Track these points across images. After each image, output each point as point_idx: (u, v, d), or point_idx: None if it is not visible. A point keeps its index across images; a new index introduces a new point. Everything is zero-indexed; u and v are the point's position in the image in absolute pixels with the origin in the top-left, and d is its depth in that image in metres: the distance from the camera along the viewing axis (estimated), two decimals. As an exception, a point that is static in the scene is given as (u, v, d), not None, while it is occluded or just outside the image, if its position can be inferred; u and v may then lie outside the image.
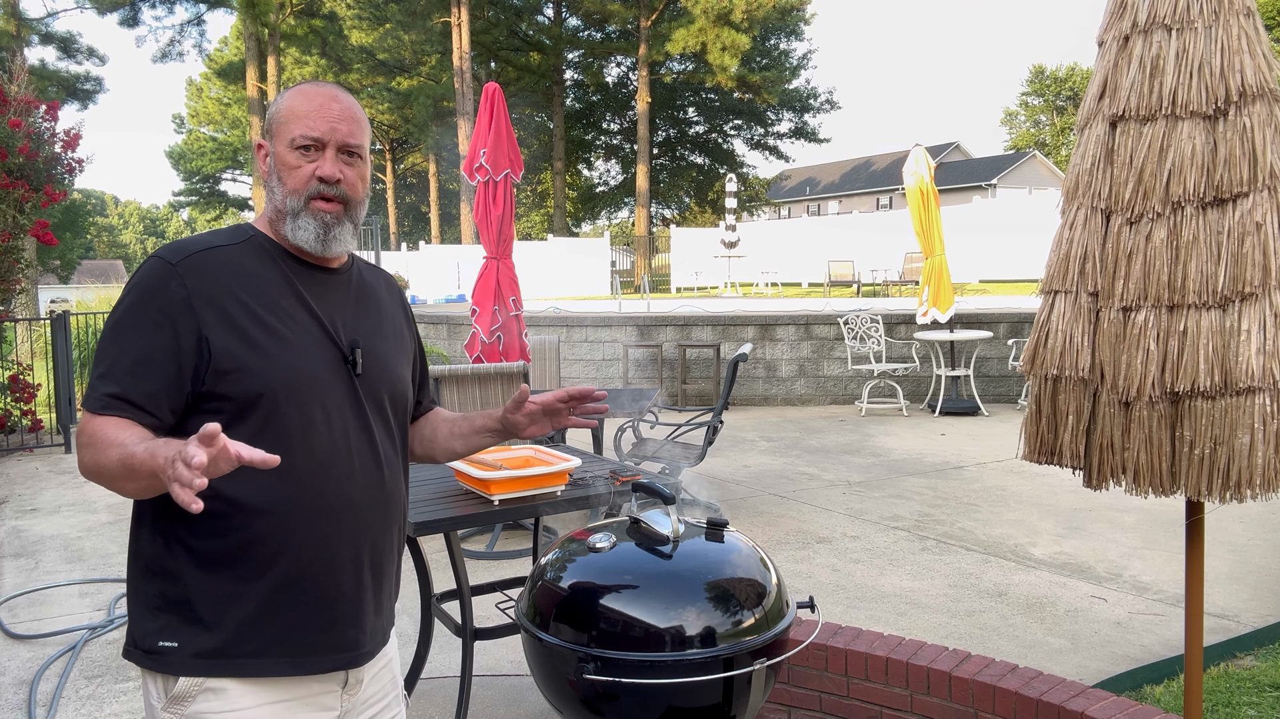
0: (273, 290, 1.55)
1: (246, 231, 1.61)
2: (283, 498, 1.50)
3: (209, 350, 1.46)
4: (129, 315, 1.49)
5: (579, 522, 5.29)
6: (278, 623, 1.50)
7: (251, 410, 1.48)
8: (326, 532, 1.53)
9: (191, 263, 1.50)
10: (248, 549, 1.48)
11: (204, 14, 29.56)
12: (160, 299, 1.47)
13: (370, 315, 1.69)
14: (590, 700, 1.89)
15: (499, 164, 6.12)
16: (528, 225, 50.45)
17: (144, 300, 1.48)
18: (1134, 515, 5.83)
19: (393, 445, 1.68)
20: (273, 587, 1.50)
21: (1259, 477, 2.23)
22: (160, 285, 1.48)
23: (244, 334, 1.49)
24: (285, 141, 1.58)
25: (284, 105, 1.61)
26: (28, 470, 7.98)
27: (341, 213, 1.60)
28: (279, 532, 1.49)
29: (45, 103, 9.30)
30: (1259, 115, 2.25)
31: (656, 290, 24.13)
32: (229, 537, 1.48)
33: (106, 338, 1.49)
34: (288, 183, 1.57)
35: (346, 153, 1.60)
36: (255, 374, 1.48)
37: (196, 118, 47.29)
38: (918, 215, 10.21)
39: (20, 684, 3.72)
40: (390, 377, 1.68)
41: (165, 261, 1.50)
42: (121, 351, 1.47)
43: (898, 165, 14.59)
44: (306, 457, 1.51)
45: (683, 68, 33.74)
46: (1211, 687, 3.41)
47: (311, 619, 1.53)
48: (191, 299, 1.47)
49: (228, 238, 1.59)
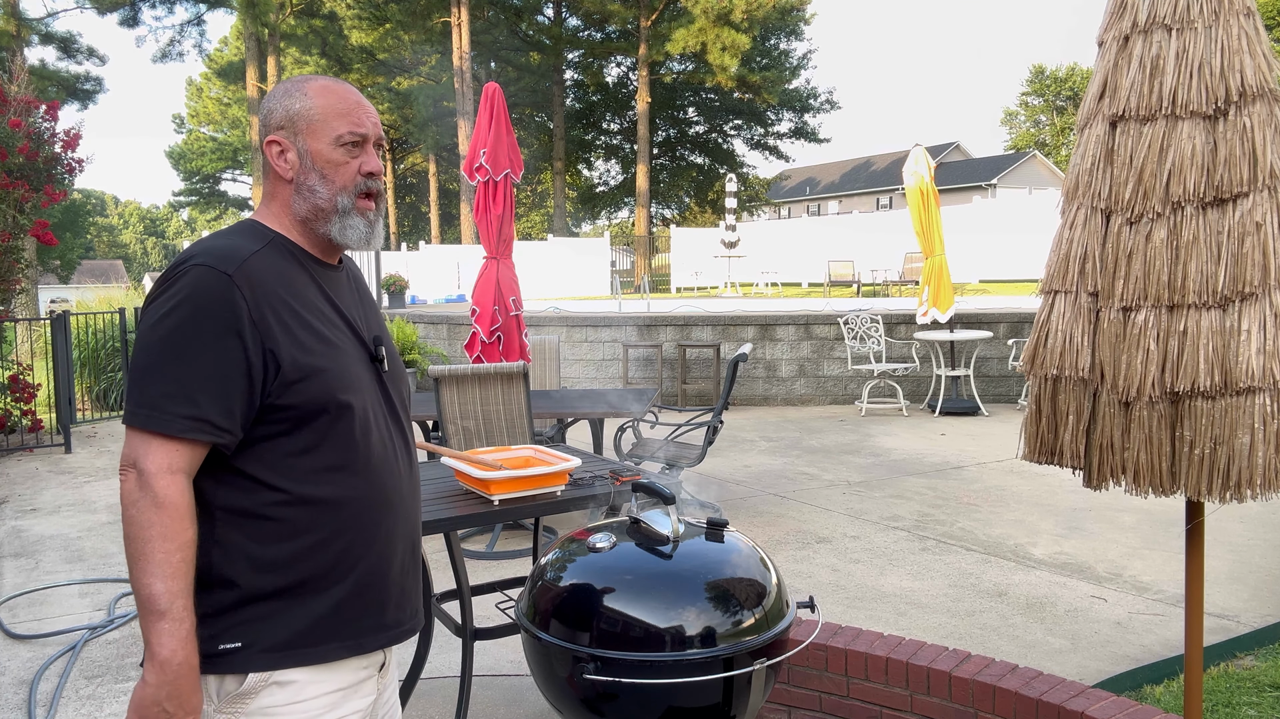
0: (310, 294, 1.55)
1: (265, 233, 1.57)
2: (350, 498, 1.52)
3: (276, 362, 1.45)
4: (188, 328, 1.42)
5: (579, 522, 5.29)
6: (343, 611, 1.53)
7: (317, 417, 1.49)
8: (386, 525, 1.57)
9: (246, 272, 1.46)
10: (319, 548, 1.50)
11: (204, 14, 29.51)
12: (223, 311, 1.43)
13: (372, 307, 1.72)
14: (590, 700, 1.89)
15: (499, 164, 6.12)
16: (528, 225, 50.45)
17: (205, 312, 1.43)
18: (1134, 515, 5.83)
19: (412, 436, 1.73)
20: (341, 579, 1.52)
21: (1259, 477, 2.23)
22: (221, 297, 1.43)
23: (301, 342, 1.49)
24: (328, 139, 1.56)
25: (316, 103, 1.58)
26: (28, 470, 7.98)
27: (377, 210, 1.62)
28: (348, 529, 1.52)
29: (45, 103, 9.30)
30: (1259, 115, 2.25)
31: (656, 290, 24.12)
32: (300, 538, 1.49)
33: (164, 350, 1.42)
34: (336, 180, 1.56)
35: (377, 146, 1.63)
36: (320, 381, 1.49)
37: (196, 118, 47.26)
38: (918, 215, 10.21)
39: (20, 684, 3.72)
40: (402, 369, 1.72)
41: (218, 272, 1.45)
42: (190, 367, 1.41)
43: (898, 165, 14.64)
44: (367, 455, 1.54)
45: (683, 68, 33.72)
46: (1211, 687, 3.41)
47: (370, 605, 1.56)
48: (252, 311, 1.44)
49: (255, 240, 1.54)
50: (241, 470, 1.47)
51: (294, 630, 1.48)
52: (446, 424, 5.10)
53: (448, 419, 5.11)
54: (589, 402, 6.01)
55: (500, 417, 5.21)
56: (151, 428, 1.39)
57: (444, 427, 5.11)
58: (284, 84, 1.63)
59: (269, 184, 1.61)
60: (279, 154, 1.58)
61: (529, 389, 5.25)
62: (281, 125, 1.58)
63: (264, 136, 1.60)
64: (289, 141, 1.58)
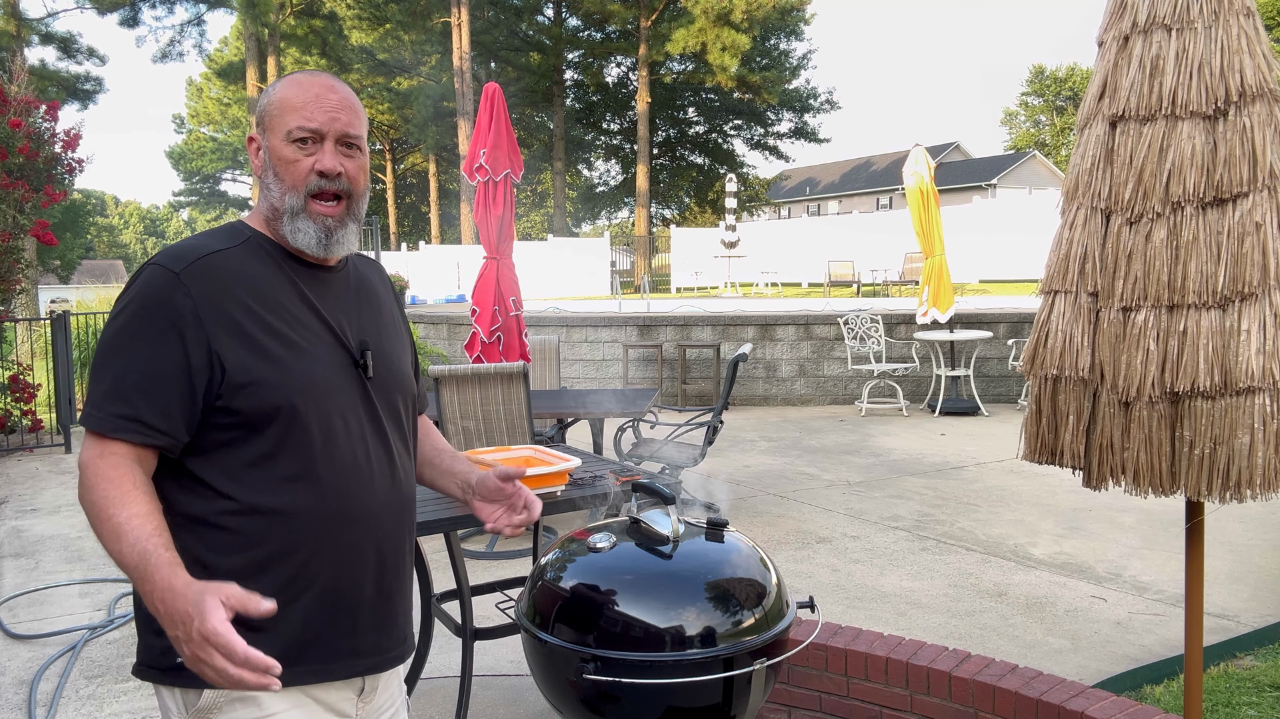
0: (279, 294, 1.47)
1: (243, 231, 1.52)
2: (306, 509, 1.45)
3: (221, 365, 1.39)
4: (131, 327, 1.39)
5: (579, 522, 5.29)
6: (301, 634, 1.46)
7: (269, 423, 1.42)
8: (349, 540, 1.49)
9: (195, 270, 1.40)
10: (272, 562, 1.43)
11: (204, 14, 29.54)
12: (165, 310, 1.38)
13: (372, 312, 1.63)
14: (590, 700, 1.89)
15: (499, 164, 6.13)
16: (528, 225, 50.46)
17: (147, 311, 1.39)
18: (1134, 515, 5.83)
19: (405, 447, 1.63)
20: (298, 597, 1.44)
21: (1259, 477, 2.23)
22: (164, 296, 1.38)
23: (256, 344, 1.41)
24: (280, 134, 1.48)
25: (277, 96, 1.51)
26: (28, 470, 7.97)
27: (343, 212, 1.52)
28: (303, 543, 1.45)
29: (45, 103, 9.31)
30: (1259, 115, 2.25)
31: (656, 290, 24.12)
32: (251, 551, 1.42)
33: (107, 350, 1.40)
34: (285, 179, 1.48)
35: (345, 144, 1.51)
36: (271, 386, 1.41)
37: (196, 118, 47.28)
38: (918, 215, 10.21)
39: (20, 684, 3.72)
40: (399, 377, 1.63)
41: (166, 270, 1.40)
42: (128, 366, 1.38)
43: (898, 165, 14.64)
44: (327, 466, 1.47)
45: (683, 68, 33.72)
46: (1211, 687, 3.41)
47: (335, 626, 1.49)
48: (199, 310, 1.38)
49: (226, 239, 1.49)
50: (195, 475, 1.42)
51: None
52: (446, 424, 5.10)
53: (448, 419, 5.11)
54: (589, 402, 6.01)
55: (500, 417, 5.21)
56: (90, 426, 1.37)
57: (444, 427, 5.11)
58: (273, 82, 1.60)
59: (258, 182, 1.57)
60: (255, 151, 1.55)
61: (529, 389, 5.25)
62: (258, 121, 1.55)
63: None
64: (259, 138, 1.53)
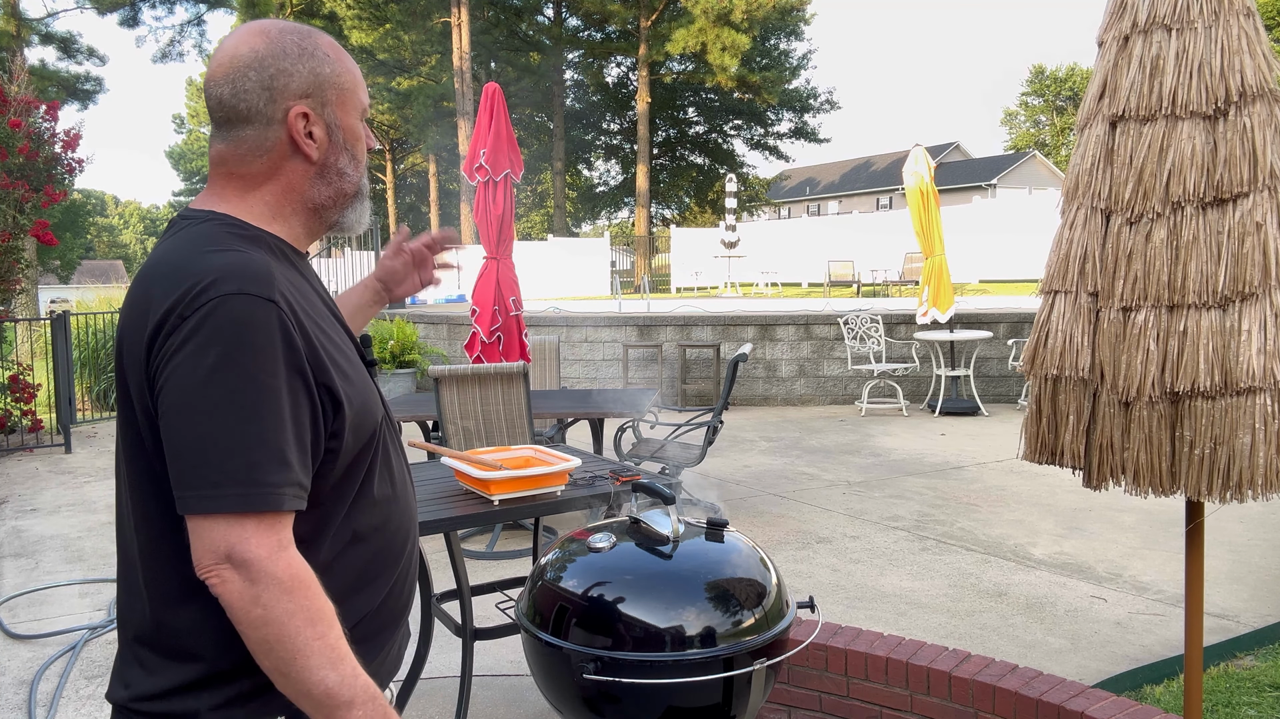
0: (320, 305, 1.30)
1: (255, 234, 1.26)
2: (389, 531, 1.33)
3: (334, 399, 1.21)
4: (248, 376, 1.12)
5: (579, 522, 5.29)
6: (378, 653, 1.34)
7: (365, 452, 1.28)
8: (412, 553, 1.40)
9: (284, 294, 1.17)
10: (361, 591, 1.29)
11: (204, 14, 29.49)
12: (280, 349, 1.14)
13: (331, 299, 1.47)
14: (590, 700, 1.89)
15: (499, 164, 6.13)
16: (528, 225, 50.45)
17: (260, 352, 1.13)
18: (1134, 515, 5.83)
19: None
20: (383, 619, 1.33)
21: (1260, 477, 2.23)
22: (273, 331, 1.14)
23: (342, 370, 1.24)
24: (355, 110, 1.32)
25: (341, 65, 1.31)
26: (28, 470, 7.97)
27: None
28: (385, 565, 1.32)
29: (45, 103, 9.32)
30: (1259, 115, 2.25)
31: (656, 290, 24.12)
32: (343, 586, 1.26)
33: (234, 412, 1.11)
34: (361, 159, 1.33)
35: None
36: (366, 411, 1.27)
37: (196, 118, 47.32)
38: (918, 215, 10.21)
39: (20, 684, 3.72)
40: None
41: (262, 299, 1.14)
42: (267, 427, 1.12)
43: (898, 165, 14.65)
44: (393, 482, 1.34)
45: (683, 68, 33.72)
46: (1211, 687, 3.41)
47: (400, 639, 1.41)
48: (302, 342, 1.18)
49: (258, 247, 1.23)
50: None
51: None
52: (446, 424, 5.10)
53: (448, 419, 5.11)
54: (589, 402, 6.01)
55: (500, 417, 5.21)
56: (247, 508, 1.10)
57: (444, 427, 5.11)
58: (283, 36, 1.27)
59: (266, 163, 1.27)
60: (310, 128, 1.27)
61: (529, 389, 5.25)
62: (307, 93, 1.27)
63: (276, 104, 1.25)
64: (320, 113, 1.28)
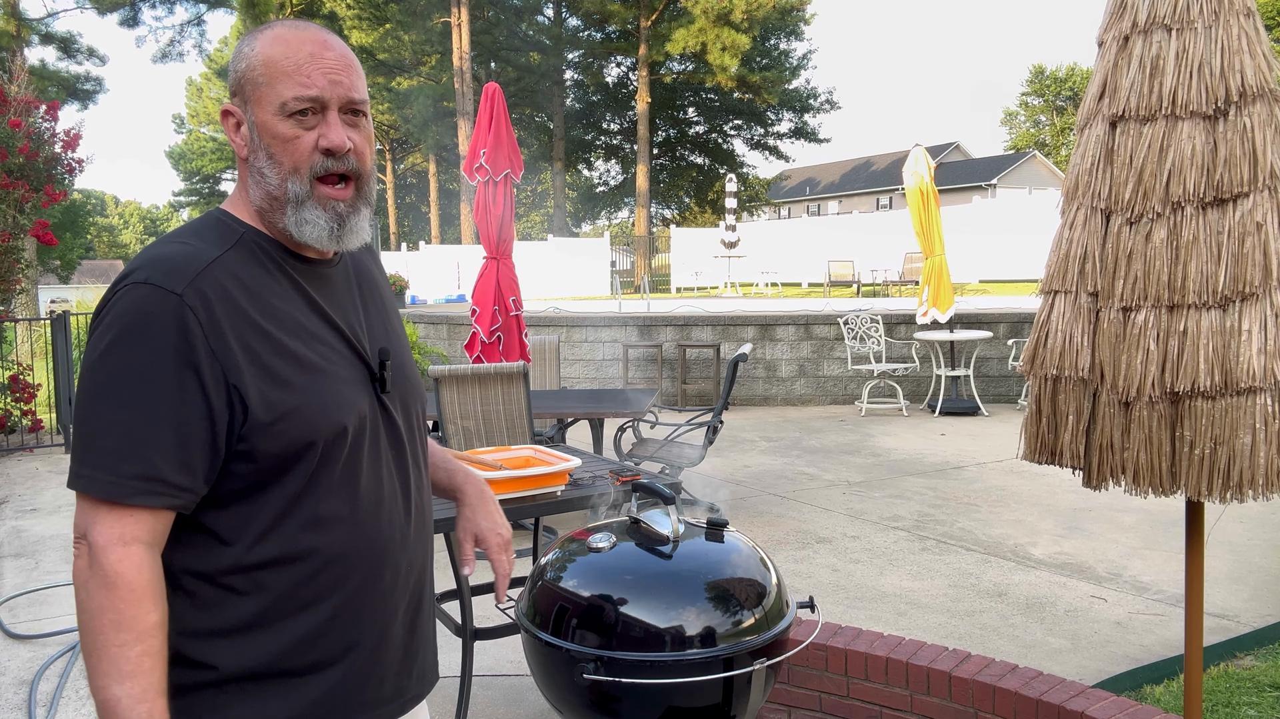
0: (290, 306, 1.25)
1: (233, 228, 1.26)
2: (335, 554, 1.26)
3: (244, 403, 1.17)
4: (133, 365, 1.13)
5: (579, 522, 5.30)
6: (330, 688, 1.28)
7: (296, 463, 1.22)
8: (379, 585, 1.31)
9: (200, 289, 1.16)
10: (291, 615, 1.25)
11: (204, 14, 29.59)
12: (173, 342, 1.13)
13: (378, 309, 1.41)
14: (590, 700, 1.89)
15: (499, 164, 6.13)
16: (528, 225, 50.46)
17: (149, 344, 1.13)
18: (1134, 515, 5.83)
19: (422, 461, 1.45)
20: (321, 654, 1.27)
21: (1260, 477, 2.23)
22: (168, 324, 1.13)
23: (276, 375, 1.19)
24: (272, 107, 1.22)
25: (259, 56, 1.23)
26: (28, 470, 7.97)
27: (354, 197, 1.29)
28: (328, 592, 1.26)
29: (45, 103, 9.32)
30: (1259, 115, 2.25)
31: (656, 290, 24.12)
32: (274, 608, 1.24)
33: (104, 393, 1.13)
34: (284, 160, 1.23)
35: (351, 112, 1.26)
36: (299, 421, 1.20)
37: (196, 118, 47.28)
38: (918, 215, 10.21)
39: (20, 684, 3.72)
40: (412, 381, 1.43)
41: (164, 291, 1.14)
42: (138, 417, 1.13)
43: (898, 165, 14.64)
44: (352, 502, 1.27)
45: (683, 68, 33.72)
46: (1211, 687, 3.41)
47: (365, 677, 1.31)
48: (210, 338, 1.15)
49: (217, 242, 1.23)
50: (205, 528, 1.21)
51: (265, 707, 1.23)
52: (446, 424, 5.10)
53: (448, 419, 5.11)
54: (589, 401, 6.01)
55: (500, 417, 5.21)
56: (96, 493, 1.12)
57: (444, 427, 5.11)
58: (246, 34, 1.27)
59: (239, 164, 1.29)
60: (233, 126, 1.26)
61: (529, 389, 5.25)
62: (235, 89, 1.25)
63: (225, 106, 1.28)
64: (239, 111, 1.25)
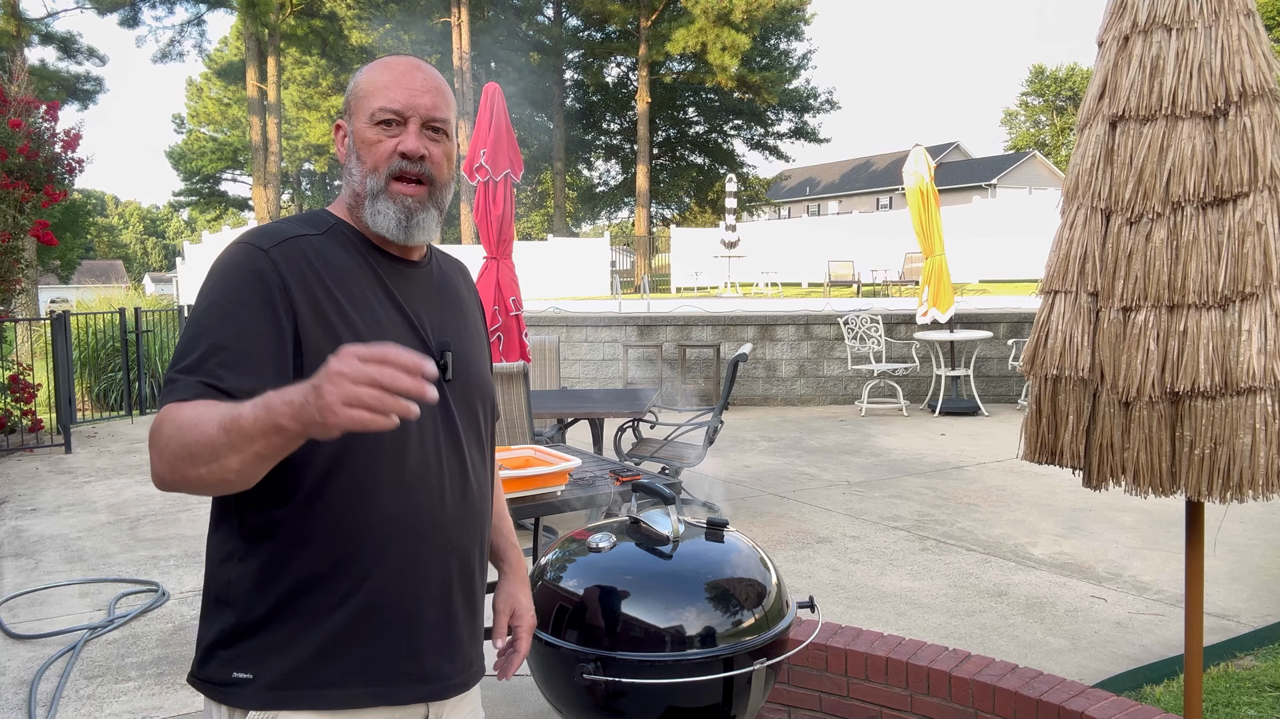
0: (361, 284, 1.42)
1: (327, 219, 1.47)
2: (372, 519, 1.37)
3: (301, 348, 1.32)
4: (224, 299, 1.32)
5: (579, 522, 5.29)
6: (358, 651, 1.38)
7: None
8: (415, 554, 1.41)
9: (285, 250, 1.37)
10: (331, 574, 1.36)
11: (204, 14, 29.56)
12: (261, 283, 1.33)
13: (455, 313, 1.56)
14: (590, 700, 1.89)
15: (499, 164, 6.13)
16: (528, 225, 50.43)
17: (243, 283, 1.33)
18: (1134, 515, 5.83)
19: (481, 457, 1.55)
20: (355, 613, 1.37)
21: (1260, 477, 2.23)
22: (259, 270, 1.34)
23: (333, 332, 1.34)
24: (364, 116, 1.44)
25: (363, 79, 1.48)
26: (28, 470, 7.97)
27: (425, 196, 1.45)
28: (365, 555, 1.37)
29: (45, 103, 9.31)
30: (1259, 115, 2.25)
31: (656, 290, 24.12)
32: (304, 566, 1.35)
33: (197, 323, 1.32)
34: (367, 160, 1.44)
35: (431, 128, 1.46)
36: None
37: (196, 118, 47.26)
38: (918, 215, 10.21)
39: (20, 684, 3.72)
40: (480, 381, 1.56)
41: (256, 247, 1.36)
42: (220, 339, 1.29)
43: (898, 165, 14.64)
44: (396, 473, 1.38)
45: (683, 68, 33.73)
46: (1211, 687, 3.41)
47: (395, 646, 1.40)
48: (285, 288, 1.33)
49: (310, 225, 1.45)
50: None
51: (297, 666, 1.35)
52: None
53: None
54: (589, 402, 6.01)
55: (500, 417, 5.21)
56: (170, 398, 1.26)
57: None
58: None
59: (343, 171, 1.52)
60: (340, 138, 1.50)
61: (529, 389, 5.25)
62: (344, 107, 1.50)
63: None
64: (345, 123, 1.50)
